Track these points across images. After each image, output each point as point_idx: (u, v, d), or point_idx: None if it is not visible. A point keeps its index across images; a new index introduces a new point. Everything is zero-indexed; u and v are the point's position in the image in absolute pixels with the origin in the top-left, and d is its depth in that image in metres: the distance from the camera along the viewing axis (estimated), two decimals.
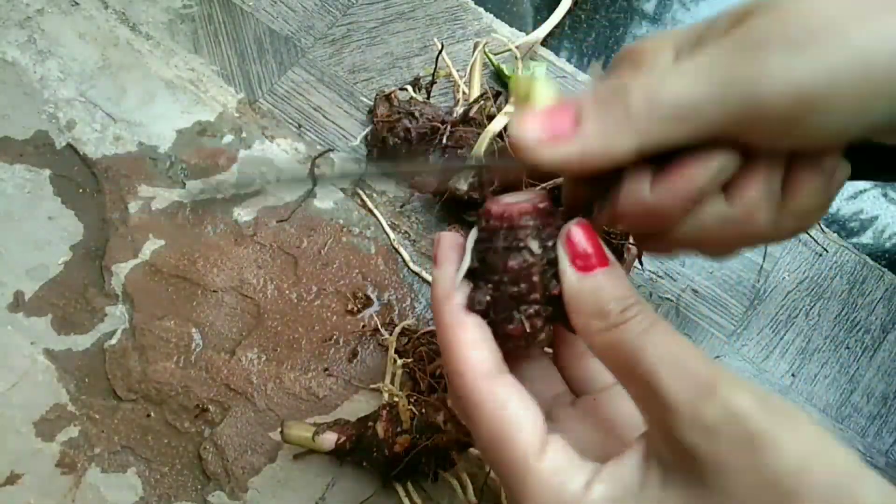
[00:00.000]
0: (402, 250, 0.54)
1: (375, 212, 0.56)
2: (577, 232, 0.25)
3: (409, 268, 0.54)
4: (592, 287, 0.24)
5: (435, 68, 0.58)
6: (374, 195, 0.56)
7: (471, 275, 0.26)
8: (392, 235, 0.55)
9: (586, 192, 0.26)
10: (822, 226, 0.57)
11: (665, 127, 0.22)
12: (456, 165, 0.25)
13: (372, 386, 0.50)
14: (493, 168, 0.25)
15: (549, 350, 0.32)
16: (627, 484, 0.22)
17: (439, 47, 0.58)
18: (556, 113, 0.23)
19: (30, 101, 0.57)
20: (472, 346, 0.25)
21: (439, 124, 0.55)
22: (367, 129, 0.58)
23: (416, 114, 0.55)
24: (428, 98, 0.59)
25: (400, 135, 0.55)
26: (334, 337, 0.52)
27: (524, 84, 0.25)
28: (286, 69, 0.60)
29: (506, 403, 0.23)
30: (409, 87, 0.58)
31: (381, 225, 0.55)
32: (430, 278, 0.53)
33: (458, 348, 0.25)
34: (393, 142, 0.55)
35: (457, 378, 0.24)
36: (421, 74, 0.60)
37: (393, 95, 0.56)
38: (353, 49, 0.62)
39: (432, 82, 0.59)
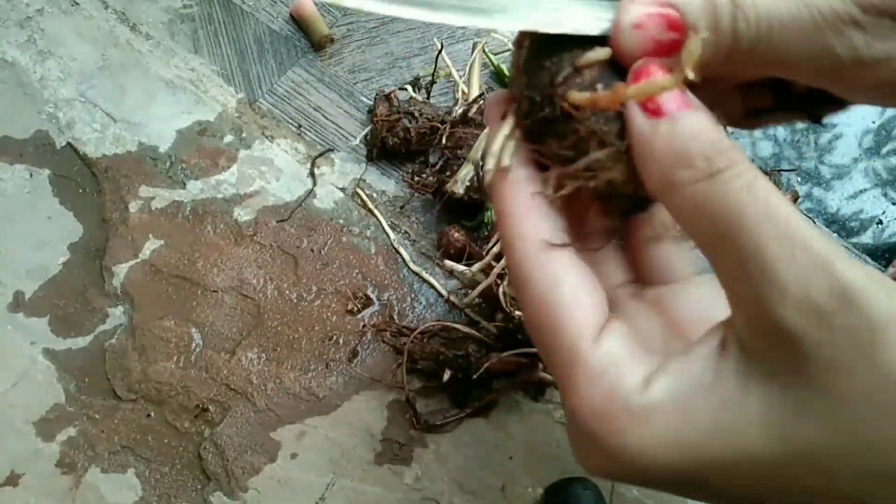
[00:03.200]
0: (402, 250, 0.54)
1: (375, 212, 0.56)
2: (648, 69, 0.20)
3: (409, 268, 0.54)
4: (672, 131, 0.19)
5: (435, 68, 0.58)
6: (374, 195, 0.56)
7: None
8: (392, 235, 0.55)
9: None
10: (822, 226, 0.57)
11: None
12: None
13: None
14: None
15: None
16: (696, 377, 0.18)
17: (439, 47, 0.58)
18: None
19: (30, 100, 0.57)
20: (527, 211, 0.21)
21: (439, 124, 0.55)
22: (367, 129, 0.58)
23: (416, 114, 0.55)
24: (428, 98, 0.59)
25: (399, 135, 0.55)
26: (334, 337, 0.52)
27: None
28: (286, 69, 0.60)
29: (560, 280, 0.20)
30: (409, 87, 0.58)
31: (381, 225, 0.55)
32: (429, 278, 0.54)
33: (510, 213, 0.21)
34: (392, 142, 0.55)
35: (507, 249, 0.21)
36: (421, 74, 0.60)
37: (393, 95, 0.56)
38: (353, 49, 0.61)
39: (432, 82, 0.59)
